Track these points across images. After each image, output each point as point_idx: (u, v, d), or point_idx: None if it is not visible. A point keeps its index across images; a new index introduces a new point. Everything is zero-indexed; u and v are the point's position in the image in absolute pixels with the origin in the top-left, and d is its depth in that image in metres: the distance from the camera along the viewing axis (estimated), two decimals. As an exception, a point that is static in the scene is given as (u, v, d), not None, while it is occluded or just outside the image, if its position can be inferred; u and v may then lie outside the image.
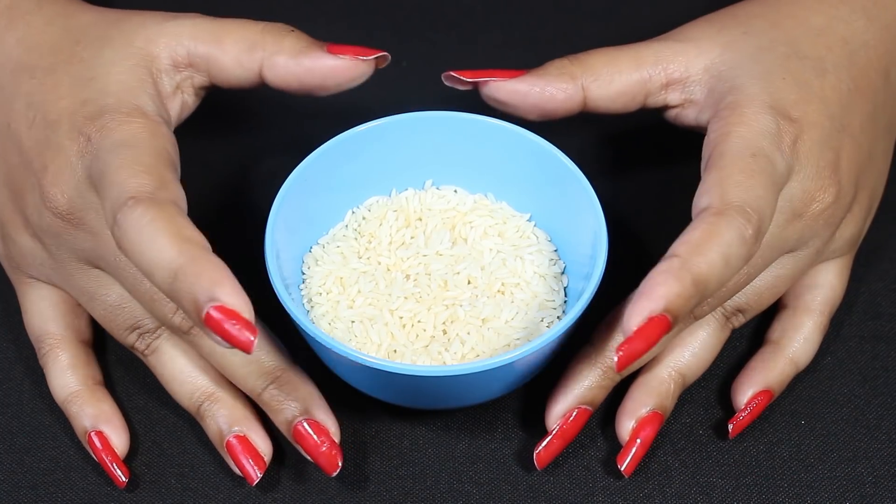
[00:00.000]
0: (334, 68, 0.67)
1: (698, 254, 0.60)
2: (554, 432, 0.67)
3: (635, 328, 0.59)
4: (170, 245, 0.59)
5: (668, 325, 0.59)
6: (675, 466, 0.69)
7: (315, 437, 0.66)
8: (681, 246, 0.60)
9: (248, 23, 0.68)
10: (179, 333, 0.66)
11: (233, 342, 0.58)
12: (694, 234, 0.61)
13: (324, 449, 0.66)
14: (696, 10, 0.73)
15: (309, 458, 0.67)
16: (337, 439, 0.67)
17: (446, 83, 0.70)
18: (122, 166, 0.62)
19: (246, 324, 0.58)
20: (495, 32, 0.84)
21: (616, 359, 0.59)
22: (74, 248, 0.66)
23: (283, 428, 0.67)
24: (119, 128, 0.64)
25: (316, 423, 0.67)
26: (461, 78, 0.69)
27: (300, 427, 0.66)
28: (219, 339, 0.58)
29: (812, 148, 0.65)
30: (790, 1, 0.70)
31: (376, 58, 0.68)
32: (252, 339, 0.58)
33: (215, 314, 0.58)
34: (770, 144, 0.64)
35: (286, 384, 0.67)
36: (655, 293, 0.59)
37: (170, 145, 0.64)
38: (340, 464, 0.66)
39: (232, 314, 0.58)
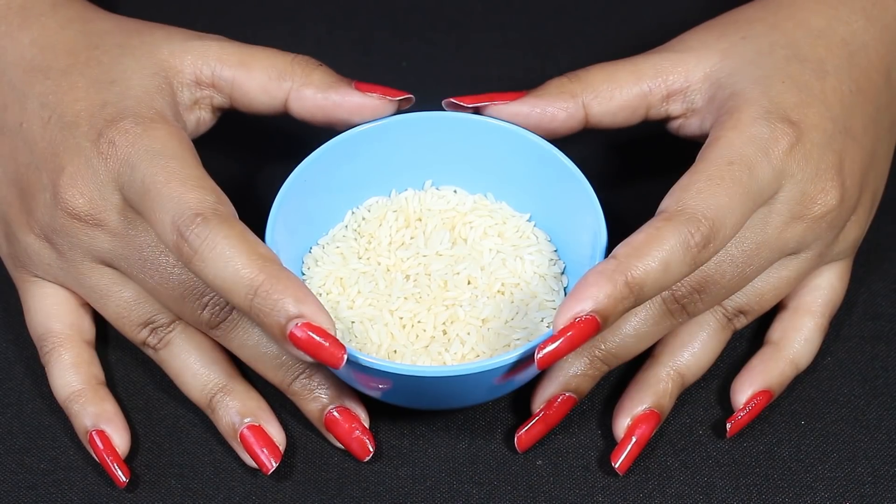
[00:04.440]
0: (361, 106, 0.68)
1: (637, 257, 0.61)
2: (538, 416, 0.68)
3: (560, 328, 0.60)
4: (248, 264, 0.61)
5: (596, 327, 0.60)
6: (675, 466, 0.69)
7: (346, 423, 0.68)
8: (622, 248, 0.62)
9: (277, 52, 0.69)
10: (207, 328, 0.67)
11: (320, 358, 0.60)
12: (637, 238, 0.62)
13: (356, 434, 0.68)
14: (695, 10, 0.73)
15: (341, 445, 0.68)
16: (367, 425, 0.68)
17: (447, 109, 0.70)
18: (172, 179, 0.63)
19: (333, 340, 0.60)
20: (495, 32, 0.84)
21: (537, 356, 0.61)
22: (90, 247, 0.67)
23: (313, 416, 0.68)
24: (145, 133, 0.65)
25: (346, 409, 0.68)
26: (461, 104, 0.70)
27: (332, 414, 0.68)
28: (302, 354, 0.60)
29: (812, 151, 0.66)
30: (789, 3, 0.70)
31: (401, 99, 0.69)
32: (340, 354, 0.60)
33: (300, 333, 0.60)
34: (757, 151, 0.64)
35: (315, 374, 0.68)
36: (584, 294, 0.60)
37: (196, 152, 0.65)
38: (372, 449, 0.68)
39: (319, 331, 0.60)
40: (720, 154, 0.64)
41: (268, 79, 0.68)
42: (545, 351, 0.61)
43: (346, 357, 0.61)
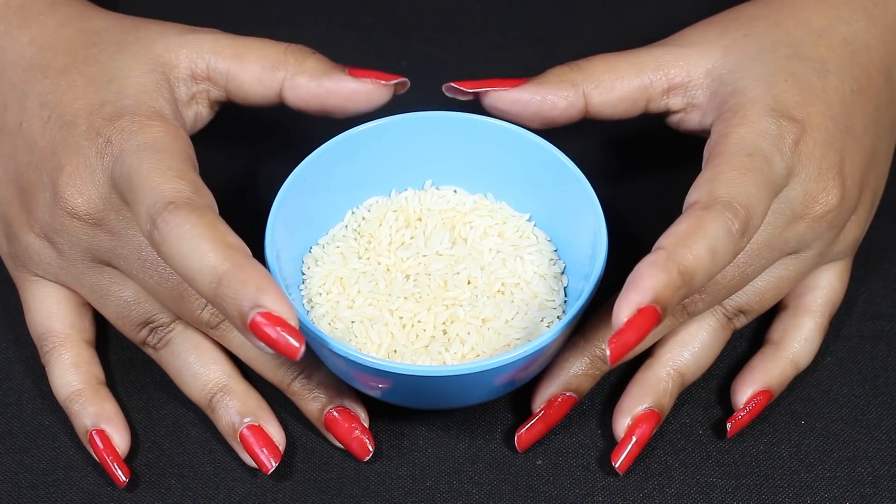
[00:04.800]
0: (355, 91, 0.68)
1: (684, 246, 0.60)
2: (538, 416, 0.68)
3: (625, 320, 0.59)
4: (213, 251, 0.60)
5: (657, 316, 0.60)
6: (675, 466, 0.69)
7: (346, 423, 0.68)
8: (667, 238, 0.61)
9: (270, 42, 0.69)
10: (206, 328, 0.67)
11: (278, 349, 0.59)
12: (680, 227, 0.61)
13: (355, 434, 0.68)
14: (695, 10, 0.73)
15: (340, 445, 0.68)
16: (366, 424, 0.68)
17: (447, 94, 0.70)
18: (153, 170, 0.62)
19: (291, 331, 0.59)
20: (495, 32, 0.84)
21: (608, 352, 0.60)
22: (90, 247, 0.67)
23: (313, 416, 0.68)
24: (140, 130, 0.64)
25: (346, 409, 0.68)
26: (462, 88, 0.70)
27: (331, 414, 0.68)
28: (263, 345, 0.59)
29: (815, 149, 0.66)
30: (791, 2, 0.70)
31: (396, 83, 0.69)
32: (297, 345, 0.59)
33: (261, 320, 0.59)
34: (770, 145, 0.64)
35: (315, 374, 0.68)
36: (643, 285, 0.60)
37: (190, 149, 0.65)
38: (372, 449, 0.68)
39: (278, 321, 0.59)
40: (737, 147, 0.64)
41: (262, 69, 0.68)
42: (615, 344, 0.60)
43: (303, 350, 0.59)
